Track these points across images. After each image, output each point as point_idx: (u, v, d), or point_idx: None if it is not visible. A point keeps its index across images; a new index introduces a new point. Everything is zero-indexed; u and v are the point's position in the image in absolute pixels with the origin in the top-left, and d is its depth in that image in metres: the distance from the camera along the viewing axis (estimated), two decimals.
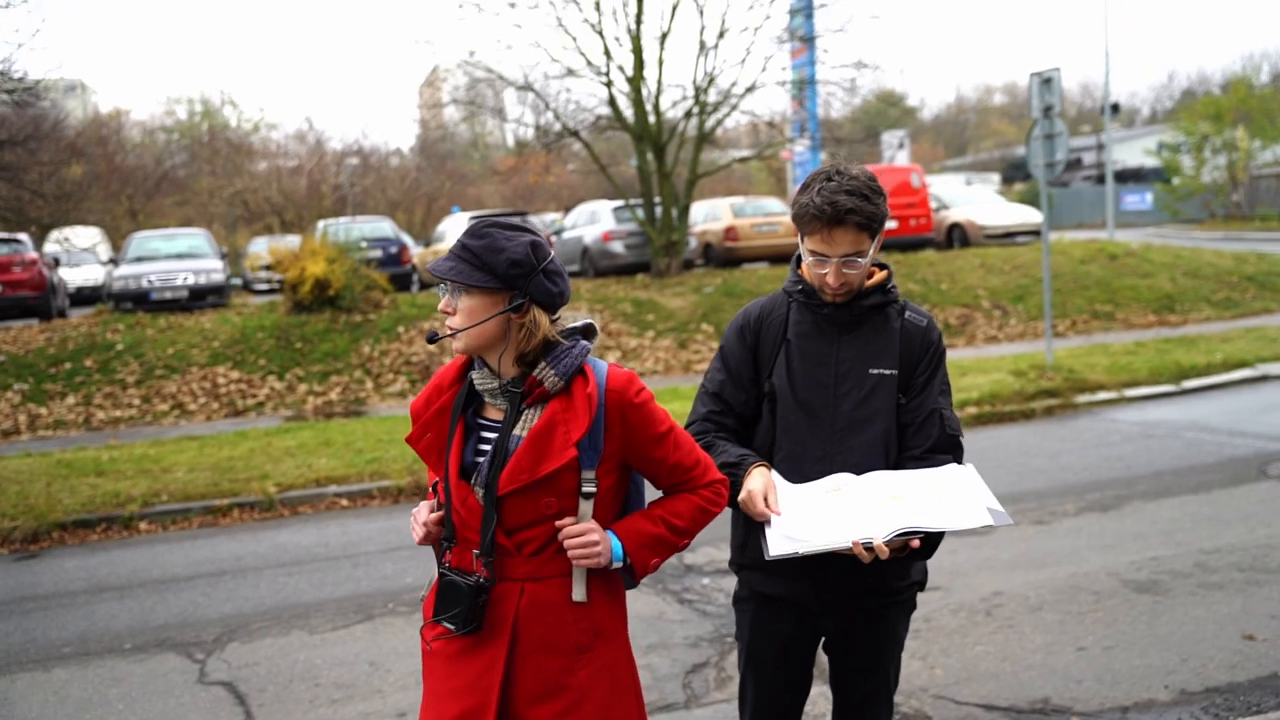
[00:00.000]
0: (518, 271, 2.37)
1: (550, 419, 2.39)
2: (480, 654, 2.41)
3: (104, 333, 16.35)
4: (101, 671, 5.71)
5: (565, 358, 2.43)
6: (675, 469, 2.52)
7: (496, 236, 2.39)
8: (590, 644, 2.43)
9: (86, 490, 9.62)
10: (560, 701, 2.39)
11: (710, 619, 5.90)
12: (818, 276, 2.84)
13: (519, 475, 2.36)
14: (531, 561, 2.41)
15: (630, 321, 17.68)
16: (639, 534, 2.47)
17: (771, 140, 24.79)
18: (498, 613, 2.41)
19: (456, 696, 2.41)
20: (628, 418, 2.44)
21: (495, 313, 2.39)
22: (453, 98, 33.01)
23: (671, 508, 2.52)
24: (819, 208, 2.73)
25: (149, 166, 44.82)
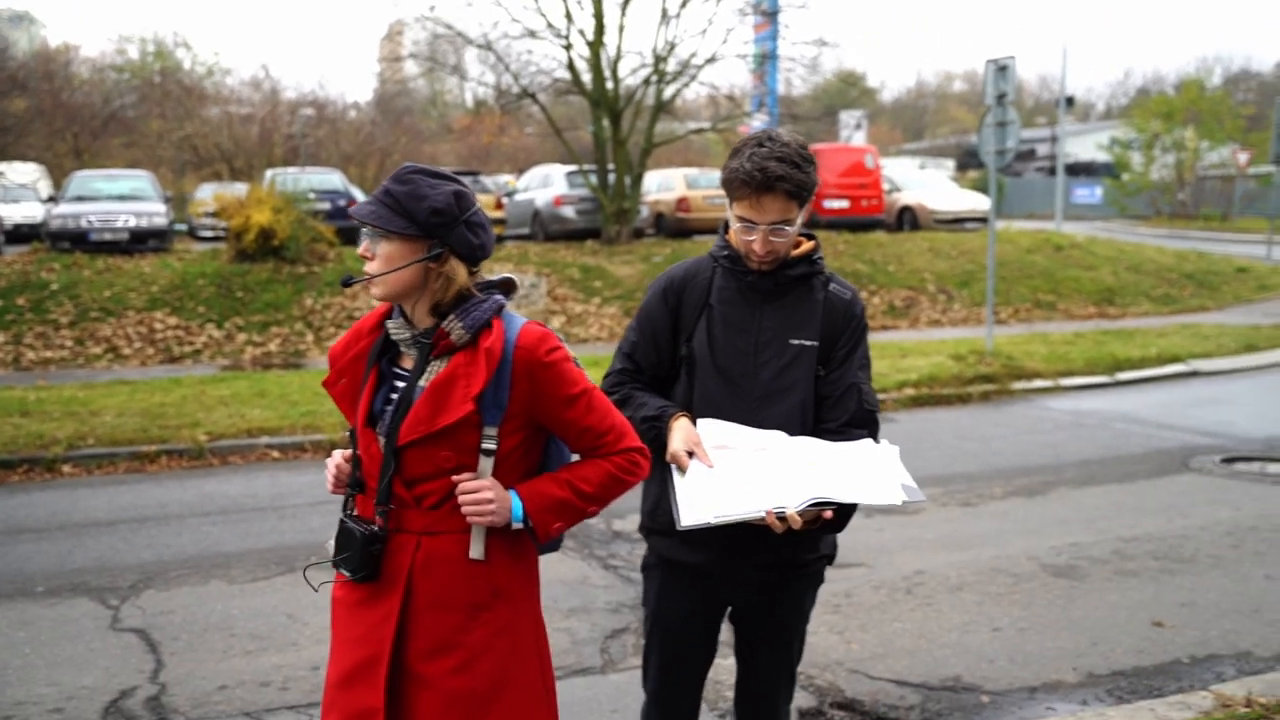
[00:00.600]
0: (438, 220, 2.33)
1: (452, 372, 2.35)
2: (377, 605, 2.38)
3: (39, 271, 16.01)
4: (11, 614, 5.61)
5: (474, 311, 2.38)
6: (586, 432, 2.45)
7: (420, 183, 2.34)
8: (488, 603, 2.39)
9: (9, 430, 9.43)
10: (453, 658, 2.35)
11: (634, 585, 5.90)
12: (744, 243, 2.80)
13: (417, 426, 2.33)
14: (430, 515, 2.37)
15: (577, 287, 17.62)
16: (541, 496, 2.40)
17: (730, 113, 24.71)
18: (394, 564, 2.37)
19: (355, 645, 2.40)
20: (536, 376, 2.38)
21: (412, 260, 2.34)
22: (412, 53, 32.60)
23: (580, 472, 2.45)
24: (749, 173, 2.69)
25: (96, 105, 43.79)
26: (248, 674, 4.81)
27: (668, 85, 21.59)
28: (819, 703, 4.50)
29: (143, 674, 4.83)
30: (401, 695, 2.36)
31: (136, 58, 51.87)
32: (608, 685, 4.68)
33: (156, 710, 4.47)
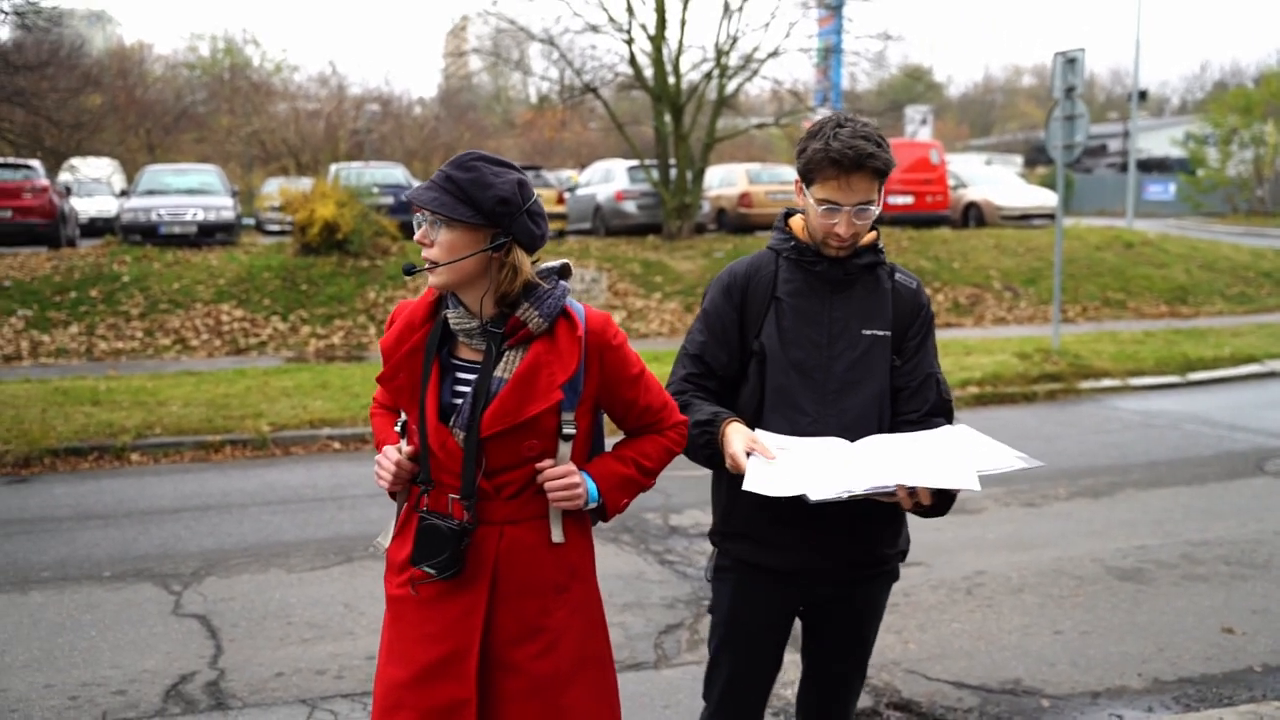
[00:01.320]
0: (504, 210, 2.30)
1: (535, 360, 2.35)
2: (458, 598, 2.37)
3: (111, 264, 16.33)
4: (78, 597, 5.71)
5: (548, 299, 2.38)
6: (645, 411, 2.53)
7: (484, 171, 2.32)
8: (567, 584, 2.44)
9: (81, 419, 9.62)
10: (539, 642, 2.39)
11: (689, 581, 5.87)
12: (826, 227, 2.72)
13: (503, 417, 2.32)
14: (510, 504, 2.38)
15: (638, 282, 17.60)
16: (612, 475, 2.47)
17: (793, 108, 24.55)
18: (477, 556, 2.37)
19: (433, 641, 2.37)
20: (606, 359, 2.43)
21: (477, 250, 2.32)
22: (476, 48, 32.81)
23: (640, 449, 2.54)
24: (839, 153, 2.62)
25: (169, 101, 44.65)
26: (304, 662, 4.85)
27: (730, 80, 21.48)
28: (875, 703, 4.44)
29: (203, 659, 4.89)
30: (487, 685, 2.38)
31: (207, 55, 52.80)
32: (661, 681, 4.65)
33: (215, 695, 4.52)
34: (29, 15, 15.68)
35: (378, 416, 2.67)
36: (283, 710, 4.39)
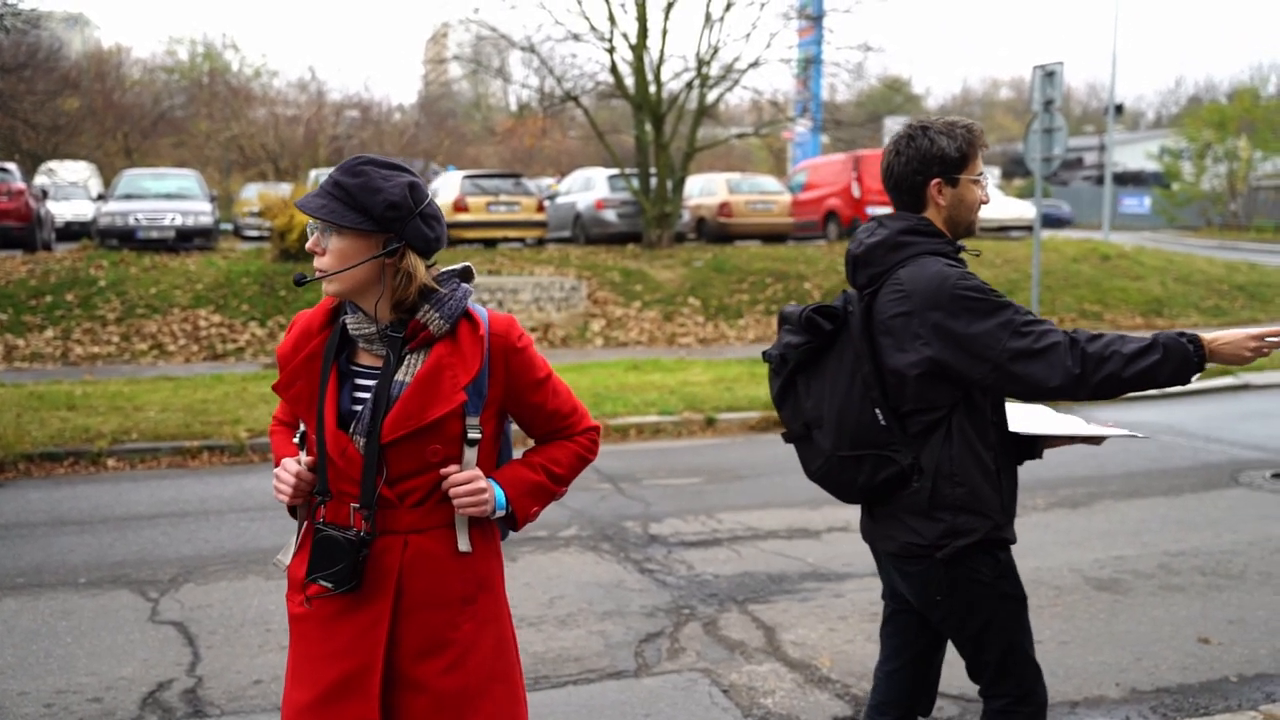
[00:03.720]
0: (394, 214, 2.25)
1: (437, 363, 2.30)
2: (361, 612, 2.30)
3: (87, 268, 16.22)
4: (53, 604, 5.66)
5: (449, 301, 2.33)
6: (554, 415, 2.48)
7: (373, 175, 2.27)
8: (474, 595, 2.37)
9: (56, 423, 9.55)
10: (445, 657, 2.32)
11: (669, 589, 5.87)
12: (981, 197, 2.92)
13: (405, 421, 2.26)
14: (415, 512, 2.32)
15: (618, 290, 17.61)
16: (521, 481, 2.41)
17: (773, 118, 24.63)
18: (380, 567, 2.30)
19: (336, 659, 2.30)
20: (511, 362, 2.38)
21: (368, 256, 2.27)
22: (456, 55, 32.77)
23: (550, 455, 2.49)
24: (981, 130, 2.90)
25: (147, 105, 44.42)
26: (282, 669, 4.77)
27: (710, 89, 21.56)
28: (854, 712, 4.44)
29: (180, 666, 4.85)
30: (391, 703, 2.31)
31: (186, 59, 52.57)
32: (641, 689, 4.64)
33: (193, 703, 4.49)
34: (7, 17, 15.57)
35: (276, 434, 2.59)
36: (261, 717, 4.36)
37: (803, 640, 5.17)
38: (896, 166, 2.90)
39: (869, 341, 2.84)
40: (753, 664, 4.89)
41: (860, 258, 2.92)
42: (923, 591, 2.88)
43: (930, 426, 2.79)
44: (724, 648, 5.07)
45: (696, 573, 6.17)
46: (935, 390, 2.77)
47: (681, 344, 16.15)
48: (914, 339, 2.75)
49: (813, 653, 5.01)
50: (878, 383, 2.81)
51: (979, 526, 2.79)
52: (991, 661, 2.92)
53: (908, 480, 2.81)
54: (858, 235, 2.98)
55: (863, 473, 2.85)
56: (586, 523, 7.16)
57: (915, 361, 2.75)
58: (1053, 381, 2.65)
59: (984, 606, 2.86)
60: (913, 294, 2.76)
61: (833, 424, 2.85)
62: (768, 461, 9.17)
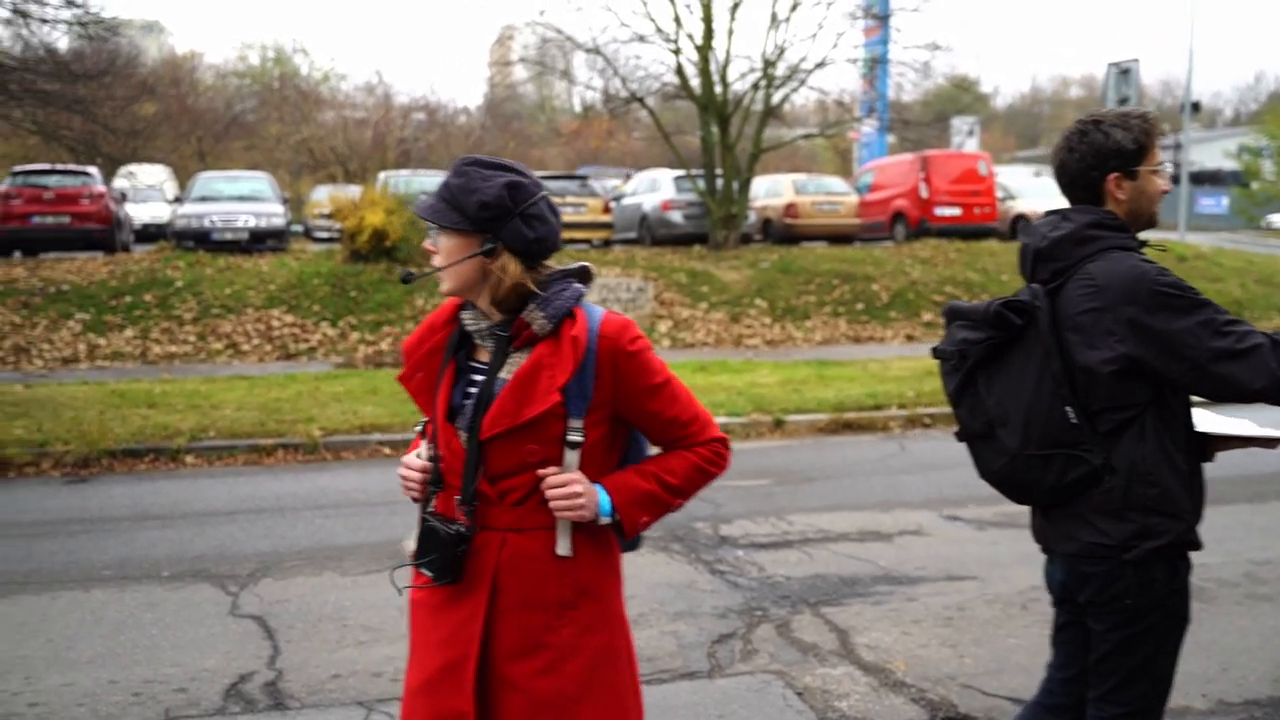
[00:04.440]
0: (487, 214, 2.26)
1: (536, 362, 2.29)
2: (461, 605, 2.32)
3: (165, 269, 16.57)
4: (138, 596, 5.80)
5: (555, 300, 2.32)
6: (671, 424, 2.38)
7: (473, 176, 2.29)
8: (574, 601, 2.32)
9: (138, 421, 9.77)
10: (540, 659, 2.30)
11: (741, 591, 5.86)
12: (1162, 187, 2.88)
13: (501, 419, 2.27)
14: (514, 511, 2.31)
15: (684, 292, 17.61)
16: (629, 489, 2.34)
17: (839, 119, 24.50)
18: (478, 563, 2.31)
19: (440, 649, 2.33)
20: (620, 366, 2.31)
21: (467, 255, 2.29)
22: (522, 57, 32.98)
23: (665, 464, 2.40)
24: (1156, 119, 2.86)
25: (219, 109, 45.31)
26: (360, 664, 4.89)
27: (776, 90, 21.49)
28: (930, 716, 4.40)
29: (260, 659, 4.94)
30: (489, 698, 2.31)
31: (257, 64, 53.45)
32: (715, 690, 4.64)
33: (274, 695, 4.57)
34: (90, 25, 15.96)
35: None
36: (339, 712, 4.42)
37: (877, 644, 5.13)
38: (1070, 163, 2.86)
39: (1057, 337, 2.75)
40: (826, 667, 4.87)
41: (1043, 252, 2.83)
42: (1102, 593, 2.78)
43: (1122, 425, 2.71)
44: (797, 650, 5.05)
45: (768, 574, 6.15)
46: (1128, 388, 2.69)
47: (748, 345, 16.12)
48: (1107, 335, 2.67)
49: (887, 656, 4.98)
50: (1067, 380, 2.73)
51: (1171, 529, 2.71)
52: (1125, 668, 2.81)
53: (1098, 480, 2.72)
54: (1038, 229, 2.90)
55: (1051, 472, 2.75)
56: (658, 524, 7.16)
57: (1109, 359, 2.67)
58: (1256, 384, 2.59)
59: (1147, 616, 2.77)
60: (1106, 289, 2.68)
61: (1020, 422, 2.76)
62: (837, 464, 9.12)
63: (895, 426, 10.65)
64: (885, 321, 17.52)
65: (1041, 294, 2.79)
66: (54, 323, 14.84)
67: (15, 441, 8.95)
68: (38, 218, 18.38)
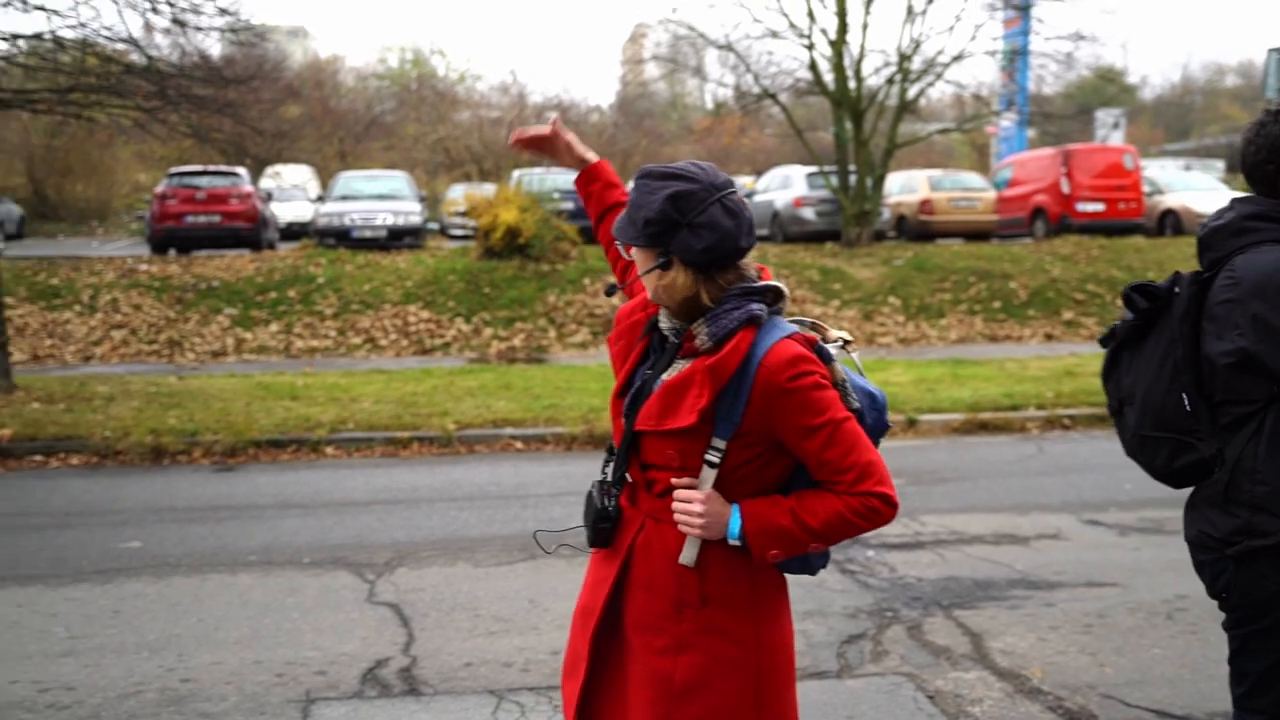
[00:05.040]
0: (653, 230, 2.23)
1: (687, 377, 2.26)
2: (606, 566, 2.44)
3: (307, 266, 17.14)
4: (281, 581, 6.01)
5: (723, 319, 2.25)
6: (823, 466, 2.24)
7: (641, 190, 2.28)
8: (695, 603, 2.29)
9: (281, 413, 10.13)
10: (660, 639, 2.32)
11: (872, 591, 5.78)
12: None
13: (648, 420, 2.29)
14: (657, 501, 2.34)
15: (816, 289, 17.46)
16: (763, 519, 2.25)
17: (976, 113, 23.96)
18: (622, 537, 2.41)
19: (587, 590, 2.48)
20: (773, 400, 2.21)
21: (646, 269, 2.29)
22: (654, 54, 33.11)
23: (809, 504, 2.26)
24: None
25: (360, 111, 46.57)
26: (491, 654, 4.98)
27: (912, 84, 21.14)
28: None
29: (395, 646, 5.07)
30: (617, 656, 2.39)
31: (396, 66, 54.76)
32: (844, 690, 4.59)
33: (408, 681, 4.68)
34: (241, 32, 16.58)
35: None
36: (471, 699, 4.51)
37: (1011, 649, 5.01)
38: (1248, 156, 2.80)
39: (1191, 325, 2.73)
40: (959, 670, 4.77)
41: (1202, 240, 2.82)
42: (1213, 585, 2.81)
43: (1241, 420, 2.67)
44: (929, 653, 4.96)
45: (899, 575, 6.06)
46: (1244, 383, 2.64)
47: (881, 343, 15.89)
48: (1233, 328, 2.63)
49: (1022, 662, 4.85)
50: (1190, 368, 2.71)
51: (1277, 530, 2.62)
52: (1254, 672, 2.76)
53: (1209, 470, 2.72)
54: (1208, 218, 2.88)
55: (1160, 456, 2.80)
56: None
57: (1227, 351, 2.63)
58: None
59: (1264, 614, 2.70)
60: (1241, 281, 2.63)
61: (1139, 402, 2.81)
62: (971, 464, 8.93)
63: (1033, 427, 10.37)
64: (1023, 320, 17.08)
65: (1185, 281, 2.77)
66: (204, 317, 15.49)
67: (169, 431, 9.36)
68: (191, 217, 19.22)
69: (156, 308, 15.68)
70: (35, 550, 6.64)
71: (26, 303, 15.55)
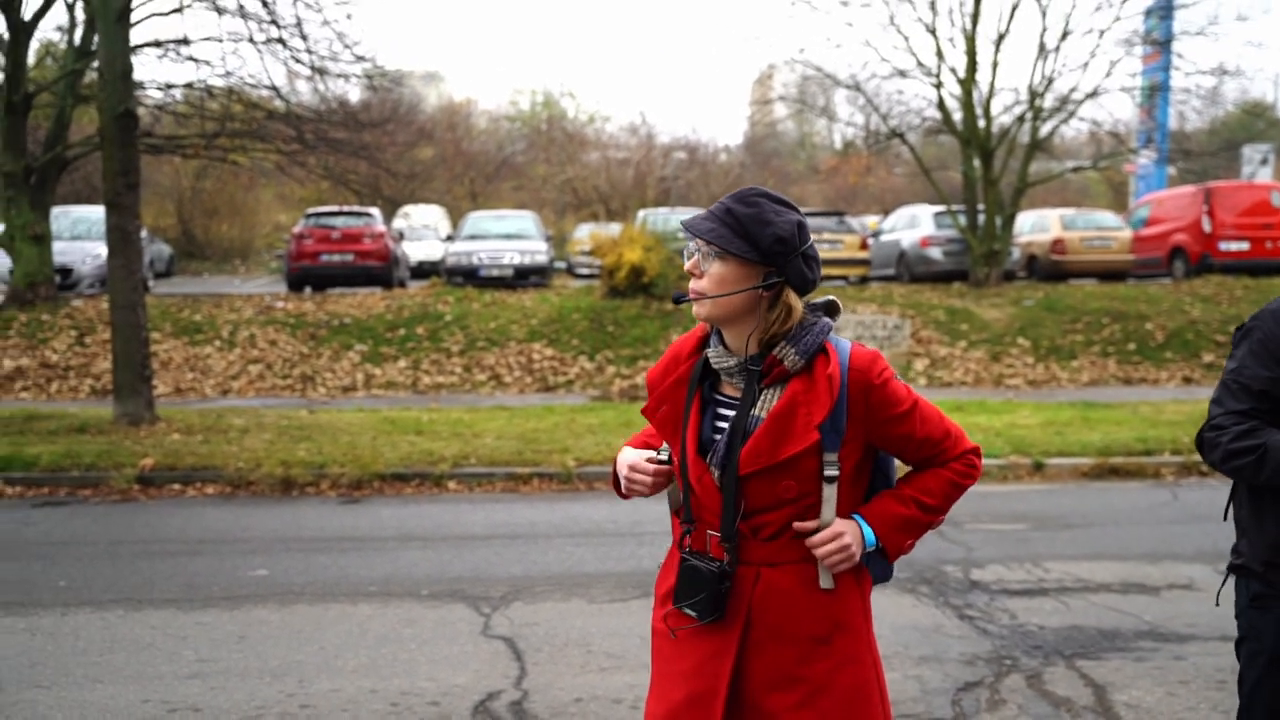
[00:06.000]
0: (780, 249, 2.28)
1: (791, 400, 2.28)
2: (711, 638, 2.33)
3: (436, 304, 17.55)
4: (400, 612, 6.13)
5: (806, 336, 2.32)
6: (924, 443, 2.38)
7: (765, 208, 2.30)
8: (828, 636, 2.32)
9: (406, 447, 10.36)
10: (797, 692, 2.29)
11: (990, 638, 5.62)
12: None
13: (758, 458, 2.27)
14: (768, 546, 2.32)
15: (942, 330, 17.16)
16: (890, 516, 2.36)
17: (1113, 150, 23.33)
18: (732, 597, 2.33)
19: (685, 680, 2.35)
20: (870, 399, 2.31)
21: (748, 286, 2.30)
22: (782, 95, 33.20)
23: (922, 485, 2.40)
24: None
25: (491, 152, 47.70)
26: (602, 690, 4.99)
27: (1044, 122, 20.71)
28: None
29: (508, 679, 5.12)
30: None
31: (527, 108, 55.97)
32: None
33: (519, 714, 4.72)
34: (376, 78, 17.18)
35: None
36: None
37: (1138, 703, 4.81)
38: None
39: None
40: None
41: None
42: None
43: None
44: (1049, 703, 4.80)
45: (1020, 623, 5.88)
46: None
47: (1009, 385, 15.52)
48: None
49: (1149, 717, 4.66)
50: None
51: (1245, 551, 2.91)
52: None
53: None
54: None
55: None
56: (905, 564, 6.97)
57: None
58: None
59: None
60: None
61: None
62: (1100, 510, 8.64)
63: (1167, 474, 9.98)
64: (1159, 363, 16.50)
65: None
66: (336, 353, 15.97)
67: (299, 463, 9.67)
68: (326, 255, 19.92)
69: (291, 343, 16.23)
70: (169, 575, 6.91)
71: (171, 338, 16.26)
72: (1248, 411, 2.73)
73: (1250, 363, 2.75)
